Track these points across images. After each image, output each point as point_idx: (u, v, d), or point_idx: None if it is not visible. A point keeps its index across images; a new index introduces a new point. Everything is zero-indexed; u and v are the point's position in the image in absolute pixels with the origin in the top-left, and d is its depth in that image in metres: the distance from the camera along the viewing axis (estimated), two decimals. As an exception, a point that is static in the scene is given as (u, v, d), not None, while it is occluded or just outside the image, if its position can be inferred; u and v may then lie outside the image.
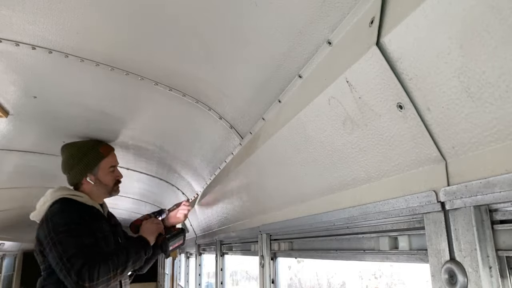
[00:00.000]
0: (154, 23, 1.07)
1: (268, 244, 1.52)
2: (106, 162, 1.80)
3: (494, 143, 0.54)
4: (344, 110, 0.79)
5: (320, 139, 0.92)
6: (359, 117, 0.76)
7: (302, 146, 1.01)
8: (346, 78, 0.73)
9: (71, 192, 1.72)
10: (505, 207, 0.57)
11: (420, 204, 0.67)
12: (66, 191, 1.71)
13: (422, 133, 0.64)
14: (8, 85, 1.52)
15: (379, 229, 0.87)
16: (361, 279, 1.90)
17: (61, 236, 1.45)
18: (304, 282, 2.31)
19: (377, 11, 0.66)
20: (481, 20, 0.47)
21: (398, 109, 0.66)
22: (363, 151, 0.80)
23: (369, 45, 0.64)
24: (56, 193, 1.68)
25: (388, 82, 0.65)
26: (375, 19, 0.65)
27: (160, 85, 1.44)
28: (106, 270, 1.45)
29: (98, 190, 1.78)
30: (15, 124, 1.94)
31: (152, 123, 2.00)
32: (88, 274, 1.39)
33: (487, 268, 0.56)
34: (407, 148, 0.69)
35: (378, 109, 0.70)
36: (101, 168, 1.78)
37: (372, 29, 0.65)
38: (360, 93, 0.72)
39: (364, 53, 0.66)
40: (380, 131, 0.73)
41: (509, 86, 0.49)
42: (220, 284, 2.43)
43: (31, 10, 1.04)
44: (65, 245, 1.44)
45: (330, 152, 0.91)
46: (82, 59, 1.29)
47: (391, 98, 0.66)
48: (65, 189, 1.73)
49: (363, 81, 0.70)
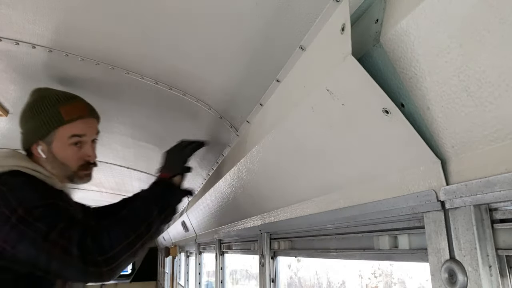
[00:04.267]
0: (154, 22, 1.07)
1: (268, 243, 1.52)
2: (65, 130, 1.19)
3: (494, 142, 0.55)
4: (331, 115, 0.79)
5: (311, 142, 0.92)
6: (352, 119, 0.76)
7: (293, 149, 1.01)
8: (326, 87, 0.73)
9: (31, 165, 1.14)
10: (505, 206, 0.57)
11: (420, 203, 0.67)
12: (24, 161, 1.15)
13: (421, 132, 0.64)
14: (8, 84, 1.52)
15: (379, 228, 0.87)
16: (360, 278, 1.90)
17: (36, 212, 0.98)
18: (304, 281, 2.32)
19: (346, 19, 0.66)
20: (481, 19, 0.47)
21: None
22: (361, 151, 0.80)
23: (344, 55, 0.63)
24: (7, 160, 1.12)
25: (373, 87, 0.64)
26: (346, 26, 0.65)
27: (160, 84, 1.44)
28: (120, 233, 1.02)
29: (52, 168, 1.19)
30: (15, 123, 1.94)
31: (152, 122, 2.00)
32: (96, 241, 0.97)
33: (487, 267, 0.56)
34: (406, 147, 0.69)
35: (373, 110, 0.70)
36: (57, 136, 1.18)
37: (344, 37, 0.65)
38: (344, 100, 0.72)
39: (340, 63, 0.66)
40: (378, 131, 0.73)
41: (509, 85, 0.49)
42: (220, 283, 2.43)
43: (31, 9, 1.04)
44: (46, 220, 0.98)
45: (324, 154, 0.91)
46: (82, 58, 1.29)
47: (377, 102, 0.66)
48: (23, 157, 1.19)
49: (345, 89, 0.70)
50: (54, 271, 0.98)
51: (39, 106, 1.20)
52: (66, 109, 1.20)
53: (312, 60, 0.83)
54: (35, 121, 1.19)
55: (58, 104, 1.20)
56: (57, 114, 1.19)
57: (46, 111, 1.19)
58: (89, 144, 1.24)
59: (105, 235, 1.00)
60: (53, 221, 0.98)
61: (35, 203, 1.00)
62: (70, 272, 0.98)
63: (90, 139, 1.25)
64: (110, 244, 0.99)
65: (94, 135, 1.27)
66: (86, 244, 0.96)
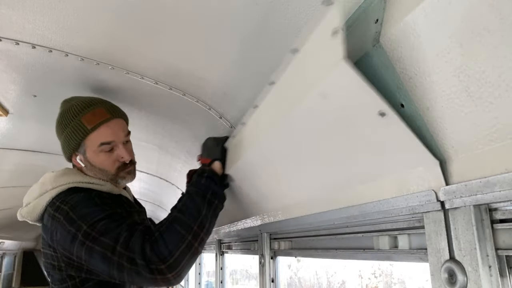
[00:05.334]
0: (154, 23, 1.07)
1: (268, 243, 1.52)
2: (93, 138, 1.19)
3: (493, 142, 0.55)
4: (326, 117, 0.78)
5: (308, 144, 0.92)
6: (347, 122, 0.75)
7: (291, 151, 1.00)
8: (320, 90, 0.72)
9: (84, 179, 1.19)
10: (504, 206, 0.57)
11: (420, 203, 0.67)
12: (76, 175, 1.20)
13: (421, 132, 0.64)
14: (8, 84, 1.52)
15: (379, 228, 0.87)
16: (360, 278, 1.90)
17: (99, 226, 1.01)
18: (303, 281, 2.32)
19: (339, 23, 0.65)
20: (481, 19, 0.47)
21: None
22: (359, 152, 0.80)
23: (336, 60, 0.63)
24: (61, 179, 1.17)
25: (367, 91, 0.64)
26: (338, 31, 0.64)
27: (160, 84, 1.44)
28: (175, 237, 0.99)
29: (94, 174, 1.23)
30: (15, 123, 1.94)
31: (152, 121, 2.00)
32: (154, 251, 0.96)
33: (486, 267, 0.56)
34: (406, 147, 0.69)
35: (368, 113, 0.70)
36: (88, 147, 1.20)
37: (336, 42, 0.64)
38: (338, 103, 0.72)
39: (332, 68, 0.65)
40: (376, 132, 0.73)
41: (509, 85, 0.49)
42: (220, 283, 2.43)
43: (31, 8, 1.04)
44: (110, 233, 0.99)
45: (321, 156, 0.91)
46: (82, 58, 1.29)
47: (372, 105, 0.66)
48: (75, 172, 1.22)
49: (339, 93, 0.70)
50: (129, 282, 1.02)
51: (64, 119, 1.22)
52: (87, 118, 1.19)
53: (305, 63, 0.83)
54: (65, 135, 1.22)
55: (79, 115, 1.20)
56: (80, 125, 1.19)
57: (71, 124, 1.20)
58: (121, 146, 1.23)
59: (162, 243, 0.98)
60: (117, 233, 0.99)
61: (96, 217, 1.03)
62: (142, 281, 0.99)
63: (120, 142, 1.23)
64: (169, 251, 0.97)
65: (123, 137, 1.25)
66: (147, 254, 0.95)
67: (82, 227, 1.01)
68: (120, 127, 1.26)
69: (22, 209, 1.19)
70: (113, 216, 1.05)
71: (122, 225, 1.01)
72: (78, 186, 1.16)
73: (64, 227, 1.04)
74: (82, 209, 1.05)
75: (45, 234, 1.13)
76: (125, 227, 1.01)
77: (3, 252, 6.86)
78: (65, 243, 1.04)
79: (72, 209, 1.06)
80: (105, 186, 1.22)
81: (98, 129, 1.19)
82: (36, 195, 1.16)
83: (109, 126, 1.21)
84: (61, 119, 1.24)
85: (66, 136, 1.21)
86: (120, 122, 1.27)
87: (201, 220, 1.06)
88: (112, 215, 1.05)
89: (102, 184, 1.22)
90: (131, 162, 1.30)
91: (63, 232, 1.04)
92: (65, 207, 1.07)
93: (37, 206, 1.15)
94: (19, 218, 1.20)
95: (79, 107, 1.22)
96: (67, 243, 1.03)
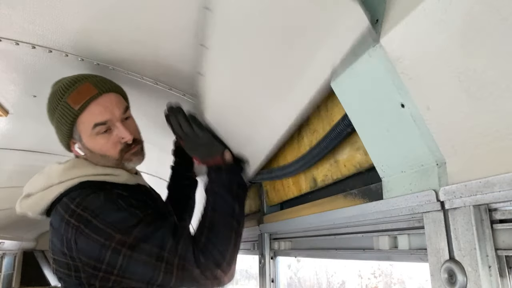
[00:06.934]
0: (154, 23, 1.07)
1: (268, 243, 1.52)
2: (84, 121, 1.04)
3: (493, 142, 0.54)
4: None
5: None
6: None
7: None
8: None
9: (96, 170, 1.06)
10: (504, 207, 0.57)
11: (420, 203, 0.67)
12: (87, 167, 1.06)
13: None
14: (8, 84, 1.51)
15: (379, 228, 0.87)
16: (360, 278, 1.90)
17: (135, 232, 0.93)
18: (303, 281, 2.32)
19: None
20: (481, 19, 0.47)
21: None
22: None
23: None
24: (70, 172, 1.03)
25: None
26: None
27: (160, 84, 1.44)
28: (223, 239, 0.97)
29: (97, 162, 1.09)
30: (15, 123, 1.94)
31: (152, 121, 2.00)
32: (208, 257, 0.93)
33: (486, 268, 0.56)
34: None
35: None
36: (81, 130, 1.05)
37: None
38: None
39: None
40: (380, 130, 0.73)
41: (509, 86, 0.49)
42: (220, 283, 2.43)
43: (31, 8, 1.04)
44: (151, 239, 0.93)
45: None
46: (82, 58, 1.29)
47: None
48: (84, 164, 1.08)
49: None
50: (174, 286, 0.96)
51: (51, 104, 1.08)
52: (73, 97, 1.03)
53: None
54: (55, 122, 1.09)
55: (65, 96, 1.04)
56: (67, 107, 1.03)
57: (58, 108, 1.05)
58: (118, 125, 1.06)
59: (212, 247, 0.95)
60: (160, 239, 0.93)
61: (129, 223, 0.94)
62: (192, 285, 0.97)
63: (117, 121, 1.06)
64: (221, 254, 0.95)
65: (119, 114, 1.07)
66: (200, 261, 0.92)
67: (113, 235, 0.92)
68: (113, 103, 1.07)
69: (22, 200, 1.07)
70: (146, 219, 0.96)
71: (162, 229, 0.95)
72: (90, 179, 1.03)
73: (88, 237, 0.93)
74: (108, 216, 0.94)
75: (57, 240, 0.97)
76: (166, 231, 0.95)
77: (3, 252, 6.85)
78: (91, 253, 0.93)
79: (95, 216, 0.94)
80: (121, 177, 1.09)
81: (87, 108, 1.03)
82: (41, 187, 1.03)
83: (100, 103, 1.04)
84: (48, 105, 1.10)
85: (57, 122, 1.07)
86: (113, 96, 1.09)
87: (237, 217, 1.04)
88: (144, 218, 0.96)
89: (118, 174, 1.08)
90: (136, 141, 1.12)
91: (87, 241, 0.93)
92: (84, 214, 0.94)
93: (41, 200, 1.03)
94: (18, 210, 1.08)
95: (63, 87, 1.05)
96: (94, 252, 0.93)
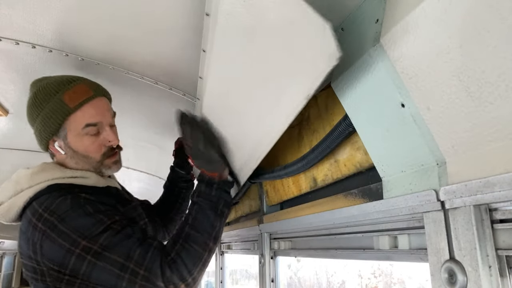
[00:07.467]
0: (154, 23, 1.07)
1: (268, 243, 1.52)
2: (76, 120, 1.05)
3: (493, 142, 0.54)
4: None
5: None
6: None
7: None
8: None
9: (65, 173, 1.06)
10: (504, 206, 0.57)
11: (420, 203, 0.67)
12: (55, 170, 1.06)
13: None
14: (8, 83, 1.52)
15: (379, 228, 0.87)
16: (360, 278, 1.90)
17: (101, 240, 0.92)
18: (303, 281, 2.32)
19: None
20: (481, 19, 0.47)
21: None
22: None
23: None
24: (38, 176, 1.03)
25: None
26: None
27: (160, 84, 1.44)
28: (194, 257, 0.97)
29: (76, 163, 1.09)
30: (15, 123, 1.94)
31: (152, 121, 2.00)
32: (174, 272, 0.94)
33: (486, 267, 0.56)
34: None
35: (378, 108, 0.70)
36: (70, 129, 1.06)
37: None
38: None
39: None
40: (380, 130, 0.73)
41: (508, 86, 0.49)
42: (220, 283, 2.43)
43: (31, 8, 1.04)
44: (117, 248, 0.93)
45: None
46: (82, 58, 1.29)
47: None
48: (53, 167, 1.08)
49: None
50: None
51: (40, 100, 1.06)
52: (69, 95, 1.04)
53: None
54: (41, 118, 1.06)
55: (60, 92, 1.05)
56: (61, 103, 1.04)
57: (50, 103, 1.05)
58: (107, 128, 1.10)
59: (180, 263, 0.95)
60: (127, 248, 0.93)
61: (95, 229, 0.93)
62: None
63: (106, 124, 1.10)
64: (188, 270, 0.95)
65: (109, 118, 1.12)
66: (166, 275, 0.93)
67: (78, 241, 0.91)
68: (105, 107, 1.12)
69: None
70: (114, 226, 0.95)
71: (130, 239, 0.94)
72: (59, 182, 1.03)
73: (53, 241, 0.92)
74: (74, 221, 0.93)
75: (24, 244, 0.98)
76: (135, 241, 0.94)
77: (3, 252, 6.84)
78: (55, 257, 0.93)
79: (61, 220, 0.93)
80: (90, 179, 1.09)
81: (81, 108, 1.05)
82: (10, 194, 1.03)
83: (94, 105, 1.08)
84: (35, 101, 1.07)
85: (44, 118, 1.05)
86: (105, 101, 1.13)
87: (215, 235, 1.04)
88: (112, 225, 0.95)
89: (87, 177, 1.08)
90: (118, 148, 1.16)
91: (52, 245, 0.93)
92: (51, 218, 0.94)
93: (12, 206, 1.03)
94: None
95: (58, 84, 1.07)
96: (58, 257, 0.92)
